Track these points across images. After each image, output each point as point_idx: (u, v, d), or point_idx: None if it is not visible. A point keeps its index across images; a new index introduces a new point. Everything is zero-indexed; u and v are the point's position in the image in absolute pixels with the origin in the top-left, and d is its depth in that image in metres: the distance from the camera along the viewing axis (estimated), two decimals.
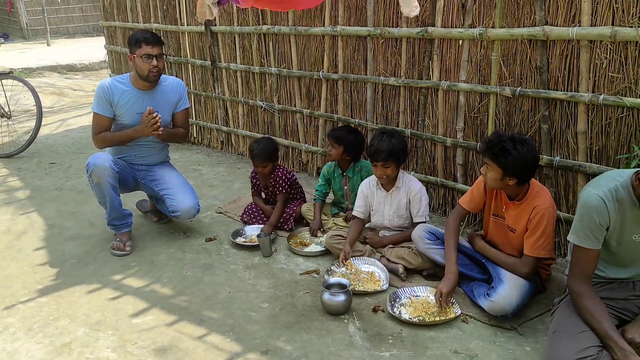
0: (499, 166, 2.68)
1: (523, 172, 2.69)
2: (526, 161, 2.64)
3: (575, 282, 2.32)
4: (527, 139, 2.70)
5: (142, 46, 3.50)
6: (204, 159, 5.73)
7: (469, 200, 3.06)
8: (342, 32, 4.23)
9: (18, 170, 5.44)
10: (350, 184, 3.81)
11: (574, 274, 2.33)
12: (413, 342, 2.65)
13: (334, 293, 2.86)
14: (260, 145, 3.84)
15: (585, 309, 2.26)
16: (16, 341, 2.73)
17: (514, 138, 2.67)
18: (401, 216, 3.40)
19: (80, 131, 6.98)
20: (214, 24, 5.37)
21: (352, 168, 3.79)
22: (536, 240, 2.73)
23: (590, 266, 2.31)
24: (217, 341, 2.69)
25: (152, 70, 3.53)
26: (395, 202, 3.38)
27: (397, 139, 3.31)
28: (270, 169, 3.89)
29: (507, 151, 2.63)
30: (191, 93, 5.98)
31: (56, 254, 3.65)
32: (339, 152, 3.71)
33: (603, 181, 2.28)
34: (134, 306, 3.02)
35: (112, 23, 6.99)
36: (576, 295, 2.31)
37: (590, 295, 2.28)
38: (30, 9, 17.70)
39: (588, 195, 2.26)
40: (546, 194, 2.80)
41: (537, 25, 3.17)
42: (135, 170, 3.80)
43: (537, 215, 2.72)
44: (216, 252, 3.63)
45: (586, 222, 2.26)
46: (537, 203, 2.73)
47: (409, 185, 3.37)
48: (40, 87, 9.07)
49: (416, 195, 3.34)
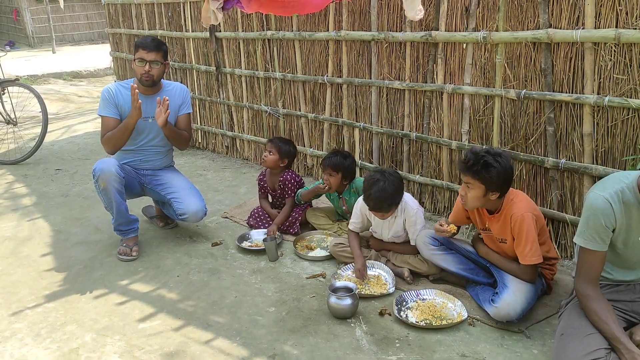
0: (482, 182, 2.67)
1: (505, 184, 2.70)
2: (507, 172, 2.67)
3: (582, 285, 2.31)
4: (501, 151, 2.73)
5: (138, 50, 3.57)
6: (209, 164, 5.75)
7: (453, 216, 3.08)
8: (346, 36, 4.24)
9: (24, 176, 5.47)
10: (347, 204, 3.82)
11: (581, 276, 2.32)
12: (420, 345, 2.64)
13: (341, 297, 2.86)
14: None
15: (593, 311, 2.25)
16: (24, 347, 2.74)
17: (490, 152, 2.68)
18: (400, 236, 3.35)
19: (86, 137, 7.01)
20: (219, 30, 5.40)
21: (347, 190, 3.80)
22: (523, 249, 2.71)
23: (596, 268, 2.30)
24: (223, 346, 2.70)
25: (144, 75, 3.57)
26: (393, 226, 3.33)
27: (390, 181, 3.12)
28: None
29: (490, 165, 2.63)
30: (196, 98, 6.01)
31: (63, 260, 3.66)
32: (339, 179, 3.69)
33: (609, 183, 2.28)
34: (141, 311, 3.03)
35: (118, 30, 7.03)
36: (583, 297, 2.30)
37: (598, 297, 2.27)
38: (36, 17, 17.81)
39: (594, 197, 2.25)
40: (521, 199, 2.78)
41: (541, 28, 3.17)
42: (141, 176, 3.81)
43: (516, 223, 2.71)
44: (222, 257, 3.64)
45: (592, 224, 2.25)
46: (513, 211, 2.72)
47: (405, 209, 3.26)
48: (46, 94, 9.12)
49: (411, 219, 3.24)
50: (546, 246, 2.89)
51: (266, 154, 3.94)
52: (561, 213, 3.34)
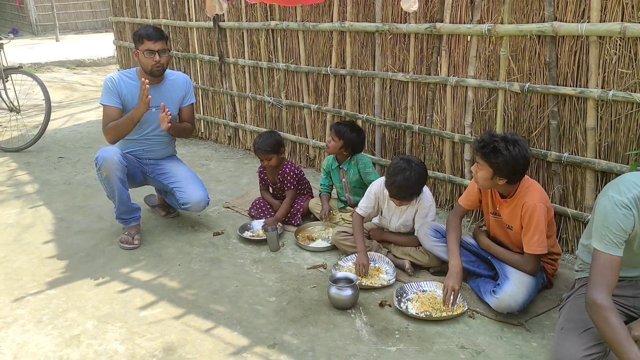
0: (489, 166, 2.67)
1: (513, 173, 2.68)
2: (517, 162, 2.64)
3: (600, 294, 2.08)
4: (520, 139, 2.69)
5: (144, 42, 3.54)
6: (212, 154, 5.75)
7: (465, 198, 3.07)
8: (350, 27, 4.23)
9: (27, 164, 5.48)
10: (347, 176, 3.82)
11: (599, 284, 2.11)
12: (420, 337, 2.65)
13: (341, 287, 2.87)
14: (262, 139, 3.88)
15: (611, 326, 2.02)
16: (26, 333, 2.76)
17: (506, 138, 2.66)
18: (407, 227, 3.37)
19: (89, 126, 7.01)
20: (222, 20, 5.38)
21: (348, 161, 3.80)
22: (531, 237, 2.72)
23: (616, 275, 2.14)
24: (224, 334, 2.71)
25: (155, 66, 3.56)
26: (404, 215, 3.34)
27: (417, 171, 3.11)
28: (276, 162, 3.90)
29: (499, 151, 2.62)
30: (199, 88, 6.00)
31: (65, 247, 3.68)
32: (337, 146, 3.73)
33: (624, 186, 2.17)
34: (142, 299, 3.04)
35: (121, 19, 7.02)
36: (601, 309, 2.06)
37: (613, 309, 2.06)
38: (40, 5, 17.75)
39: (613, 201, 2.15)
40: (536, 188, 2.78)
41: (546, 21, 3.15)
42: (144, 165, 3.82)
43: (527, 211, 2.71)
44: (224, 246, 3.65)
45: (613, 229, 2.14)
46: (525, 199, 2.73)
47: (421, 200, 3.27)
48: (50, 82, 9.12)
49: (423, 211, 3.26)
50: (552, 240, 2.90)
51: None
52: (563, 207, 3.34)
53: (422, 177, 3.17)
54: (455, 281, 2.81)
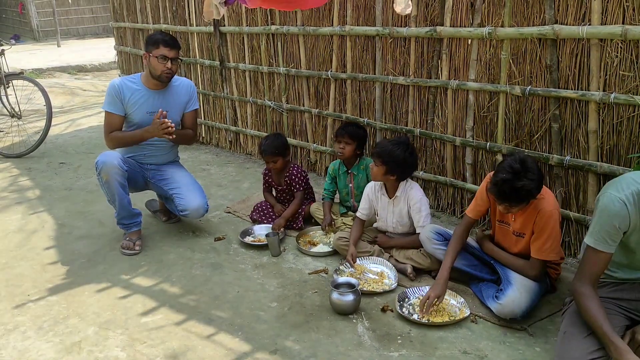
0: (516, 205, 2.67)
1: (528, 198, 2.64)
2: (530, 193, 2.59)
3: (581, 283, 2.28)
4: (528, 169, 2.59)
5: (160, 47, 3.53)
6: (213, 158, 5.75)
7: (473, 208, 3.03)
8: (351, 31, 4.23)
9: (28, 170, 5.48)
10: (355, 181, 3.81)
11: (583, 274, 2.29)
12: (422, 342, 2.64)
13: (343, 293, 2.86)
14: (268, 141, 3.89)
15: (586, 308, 2.22)
16: (27, 340, 2.75)
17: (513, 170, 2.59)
18: (404, 224, 3.38)
19: (90, 131, 7.02)
20: (223, 25, 5.39)
21: (357, 166, 3.80)
22: (543, 244, 2.71)
23: (600, 269, 2.27)
24: (225, 340, 2.70)
25: (166, 72, 3.56)
26: (397, 210, 3.36)
27: (409, 152, 3.26)
28: (282, 164, 3.91)
29: (516, 190, 2.59)
30: (200, 93, 6.00)
31: (66, 253, 3.67)
32: (352, 149, 3.73)
33: (624, 184, 2.21)
34: (144, 305, 3.03)
35: (122, 24, 7.03)
36: (579, 295, 2.27)
37: (593, 296, 2.24)
38: (41, 11, 17.84)
39: (610, 198, 2.19)
40: (550, 196, 2.78)
41: (547, 24, 3.15)
42: (145, 170, 3.82)
43: (542, 218, 2.70)
44: (225, 252, 3.64)
45: (606, 226, 2.20)
46: (541, 206, 2.71)
47: (409, 194, 3.31)
48: (51, 88, 9.14)
49: (415, 205, 3.28)
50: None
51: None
52: (565, 210, 3.32)
53: (410, 158, 3.30)
54: (435, 291, 2.80)
